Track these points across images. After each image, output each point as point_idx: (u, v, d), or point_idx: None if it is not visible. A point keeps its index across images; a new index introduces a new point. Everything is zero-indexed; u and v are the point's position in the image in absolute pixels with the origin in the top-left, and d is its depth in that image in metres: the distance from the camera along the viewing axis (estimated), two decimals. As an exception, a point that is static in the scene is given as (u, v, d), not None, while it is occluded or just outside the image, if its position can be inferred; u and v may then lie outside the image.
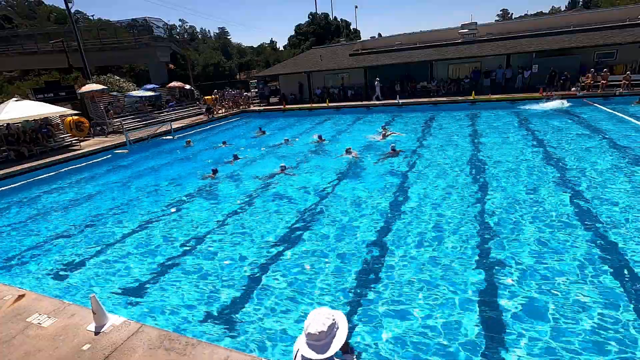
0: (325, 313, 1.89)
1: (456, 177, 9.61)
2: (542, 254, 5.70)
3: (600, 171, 9.06)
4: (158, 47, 39.16)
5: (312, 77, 28.75)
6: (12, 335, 4.27)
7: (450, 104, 21.32)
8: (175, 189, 10.98)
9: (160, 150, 17.08)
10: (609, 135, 12.24)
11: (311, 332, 1.81)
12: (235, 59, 55.31)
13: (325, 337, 1.81)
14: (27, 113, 15.75)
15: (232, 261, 6.40)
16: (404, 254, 6.09)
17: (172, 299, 5.45)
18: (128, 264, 6.63)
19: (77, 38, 25.97)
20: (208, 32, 73.34)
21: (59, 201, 10.75)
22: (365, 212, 7.97)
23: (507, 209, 7.41)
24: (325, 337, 1.81)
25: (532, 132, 13.69)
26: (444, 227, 6.92)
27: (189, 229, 7.91)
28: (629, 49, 19.95)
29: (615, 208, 7.04)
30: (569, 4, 61.71)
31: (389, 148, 12.53)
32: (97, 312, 4.24)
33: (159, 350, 3.82)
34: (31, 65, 38.91)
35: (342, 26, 58.07)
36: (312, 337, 1.82)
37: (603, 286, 4.85)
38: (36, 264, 6.96)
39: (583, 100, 18.28)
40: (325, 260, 6.16)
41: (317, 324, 1.82)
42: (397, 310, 4.77)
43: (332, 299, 5.14)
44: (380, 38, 35.42)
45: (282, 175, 11.05)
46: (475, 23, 26.40)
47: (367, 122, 19.82)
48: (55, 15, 49.98)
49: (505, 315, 4.52)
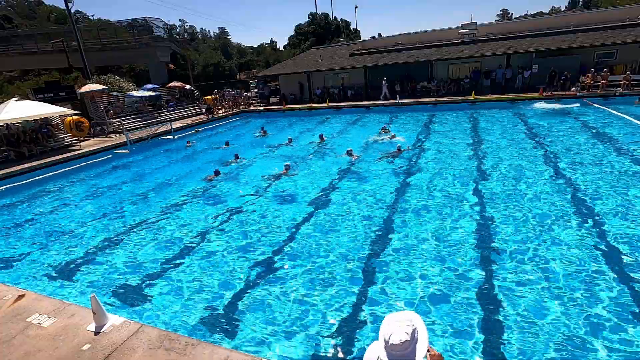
0: (403, 319, 1.78)
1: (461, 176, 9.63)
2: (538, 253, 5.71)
3: (600, 171, 9.07)
4: (158, 47, 39.15)
5: (312, 77, 28.75)
6: (12, 335, 4.27)
7: (450, 104, 21.32)
8: (176, 189, 10.97)
9: (161, 150, 17.09)
10: (609, 135, 12.24)
11: (394, 344, 1.70)
12: (235, 59, 55.32)
13: (409, 346, 1.72)
14: (27, 113, 15.75)
15: (232, 261, 6.40)
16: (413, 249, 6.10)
17: (172, 299, 5.44)
18: (128, 264, 6.63)
19: (77, 38, 25.97)
20: (208, 32, 73.45)
21: (59, 201, 10.74)
22: (370, 211, 7.97)
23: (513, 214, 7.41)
24: (409, 345, 1.72)
25: (532, 131, 13.71)
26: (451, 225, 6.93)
27: (190, 229, 7.90)
28: (629, 49, 19.95)
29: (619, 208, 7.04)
30: (569, 4, 61.72)
31: (394, 147, 12.55)
32: (97, 312, 4.24)
33: (159, 350, 3.82)
34: (31, 65, 38.91)
35: (342, 26, 58.08)
36: (396, 347, 1.71)
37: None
38: (36, 264, 6.96)
39: (583, 100, 18.29)
40: (326, 261, 6.16)
41: (399, 333, 1.71)
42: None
43: (332, 299, 5.14)
44: (380, 38, 35.41)
45: (285, 175, 11.01)
46: (475, 23, 26.40)
47: (368, 121, 19.81)
48: (55, 15, 50.00)
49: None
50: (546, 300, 4.68)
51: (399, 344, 1.70)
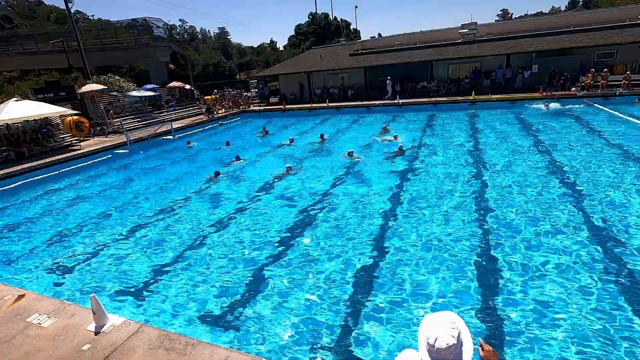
0: (445, 321, 1.69)
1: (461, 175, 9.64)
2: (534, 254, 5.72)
3: (600, 171, 9.06)
4: (158, 47, 39.16)
5: (312, 77, 28.75)
6: (12, 335, 4.27)
7: (450, 104, 21.32)
8: (176, 188, 10.97)
9: (161, 150, 17.09)
10: (609, 135, 12.24)
11: (441, 348, 1.61)
12: (235, 59, 55.34)
13: (455, 349, 1.63)
14: (27, 113, 15.74)
15: (232, 261, 6.40)
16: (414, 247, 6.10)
17: (172, 299, 5.44)
18: (128, 264, 6.63)
19: (77, 38, 25.97)
20: (208, 32, 73.50)
21: (59, 201, 10.74)
22: (372, 210, 7.98)
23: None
24: (455, 349, 1.63)
25: (532, 132, 13.71)
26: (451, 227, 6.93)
27: (190, 229, 7.90)
28: (629, 49, 19.96)
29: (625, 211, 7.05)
30: (569, 4, 61.76)
31: (396, 147, 12.57)
32: (97, 312, 4.23)
33: (159, 350, 3.82)
34: (31, 65, 38.91)
35: (342, 26, 58.11)
36: (443, 352, 1.62)
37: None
38: (36, 264, 6.95)
39: (583, 100, 18.28)
40: (327, 261, 6.16)
41: (445, 337, 1.61)
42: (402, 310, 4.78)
43: (333, 299, 5.14)
44: (380, 38, 35.41)
45: (287, 175, 10.97)
46: (475, 23, 26.41)
47: (369, 121, 19.81)
48: (55, 15, 50.02)
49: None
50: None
51: (445, 347, 1.60)
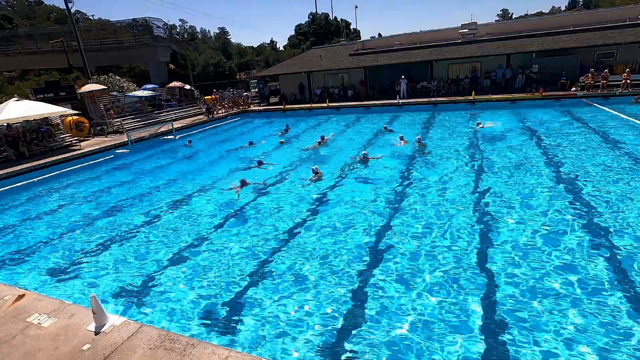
0: None
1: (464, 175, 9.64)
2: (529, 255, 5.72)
3: (601, 172, 9.06)
4: (158, 47, 39.12)
5: (312, 77, 28.75)
6: (12, 335, 4.27)
7: (450, 104, 21.31)
8: (176, 188, 10.96)
9: (162, 150, 17.09)
10: (609, 135, 12.24)
11: None
12: (235, 59, 55.32)
13: None
14: (27, 113, 15.72)
15: (233, 260, 6.40)
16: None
17: (172, 299, 5.44)
18: (129, 264, 6.63)
19: (77, 38, 25.97)
20: (208, 32, 73.48)
21: (60, 201, 10.74)
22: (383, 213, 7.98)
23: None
24: None
25: (532, 132, 13.71)
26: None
27: (190, 229, 7.90)
28: (629, 49, 19.97)
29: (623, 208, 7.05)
30: (569, 4, 61.83)
31: (410, 151, 12.52)
32: (97, 312, 4.24)
33: (159, 350, 3.82)
34: (31, 65, 38.89)
35: (342, 26, 58.11)
36: None
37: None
38: (36, 264, 6.96)
39: (583, 100, 18.28)
40: (329, 261, 6.16)
41: None
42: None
43: (335, 299, 5.14)
44: (380, 38, 35.40)
45: (311, 180, 10.34)
46: (475, 23, 26.42)
47: (370, 120, 19.81)
48: (55, 15, 50.05)
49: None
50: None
51: None
